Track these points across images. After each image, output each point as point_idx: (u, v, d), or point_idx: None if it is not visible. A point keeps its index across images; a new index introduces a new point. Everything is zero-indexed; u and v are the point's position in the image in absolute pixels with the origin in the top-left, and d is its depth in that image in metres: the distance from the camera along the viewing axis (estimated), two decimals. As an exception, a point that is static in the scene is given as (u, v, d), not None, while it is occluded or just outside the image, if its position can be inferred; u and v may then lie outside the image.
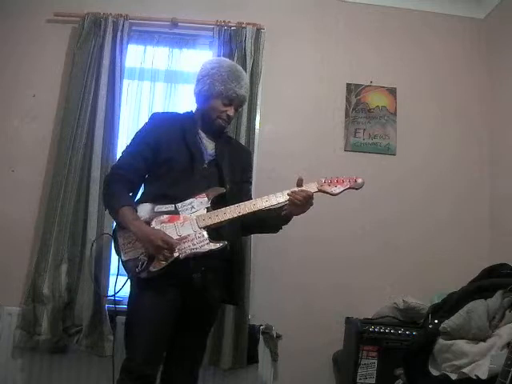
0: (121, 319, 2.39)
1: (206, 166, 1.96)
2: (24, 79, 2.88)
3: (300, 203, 1.85)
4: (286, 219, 1.96)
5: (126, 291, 1.93)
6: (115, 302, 2.29)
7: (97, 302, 2.54)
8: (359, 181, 1.90)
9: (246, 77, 2.10)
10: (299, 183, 1.89)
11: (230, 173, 1.99)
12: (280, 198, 1.87)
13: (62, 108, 2.79)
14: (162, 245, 1.76)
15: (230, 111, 2.02)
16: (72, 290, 2.58)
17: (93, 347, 2.51)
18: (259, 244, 2.69)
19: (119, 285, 1.90)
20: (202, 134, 2.04)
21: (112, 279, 2.49)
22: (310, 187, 1.89)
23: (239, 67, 2.12)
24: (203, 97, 2.03)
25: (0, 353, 2.55)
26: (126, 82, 2.87)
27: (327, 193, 1.89)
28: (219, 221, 1.84)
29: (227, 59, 2.23)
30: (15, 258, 2.69)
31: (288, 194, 1.86)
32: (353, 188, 1.91)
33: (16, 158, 2.80)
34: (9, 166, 2.79)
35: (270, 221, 1.99)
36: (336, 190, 1.88)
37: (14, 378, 2.55)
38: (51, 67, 2.89)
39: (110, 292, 2.57)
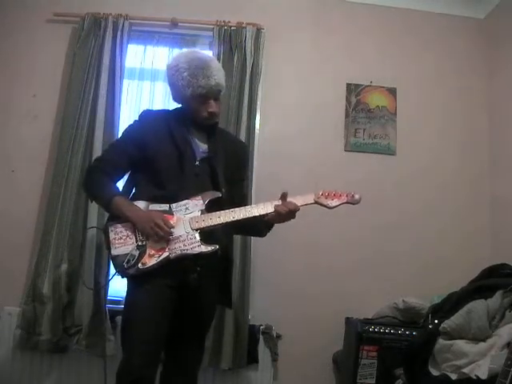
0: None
1: (197, 163, 1.93)
2: (24, 79, 2.89)
3: (283, 214, 1.83)
4: (269, 226, 1.97)
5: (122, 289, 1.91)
6: (115, 302, 2.29)
7: (97, 302, 2.54)
8: (356, 196, 1.91)
9: (211, 62, 1.95)
10: (283, 197, 1.85)
11: (225, 172, 1.96)
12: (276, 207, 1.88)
13: (62, 108, 2.79)
14: (160, 222, 1.76)
15: (211, 106, 1.93)
16: (72, 290, 2.58)
17: (93, 347, 2.51)
18: (259, 245, 2.69)
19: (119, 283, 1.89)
20: (194, 130, 1.98)
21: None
22: (307, 198, 1.89)
23: (200, 55, 1.98)
24: (179, 101, 2.00)
25: (0, 353, 2.55)
26: (125, 81, 2.88)
27: (323, 205, 1.90)
28: (212, 224, 1.83)
29: (185, 51, 2.09)
30: (15, 258, 2.69)
31: (275, 205, 1.85)
32: (350, 203, 1.92)
33: (16, 158, 2.80)
34: (9, 166, 2.79)
35: (256, 226, 1.99)
36: (332, 203, 1.89)
37: (14, 378, 2.55)
38: (51, 67, 2.90)
39: (110, 291, 2.60)
